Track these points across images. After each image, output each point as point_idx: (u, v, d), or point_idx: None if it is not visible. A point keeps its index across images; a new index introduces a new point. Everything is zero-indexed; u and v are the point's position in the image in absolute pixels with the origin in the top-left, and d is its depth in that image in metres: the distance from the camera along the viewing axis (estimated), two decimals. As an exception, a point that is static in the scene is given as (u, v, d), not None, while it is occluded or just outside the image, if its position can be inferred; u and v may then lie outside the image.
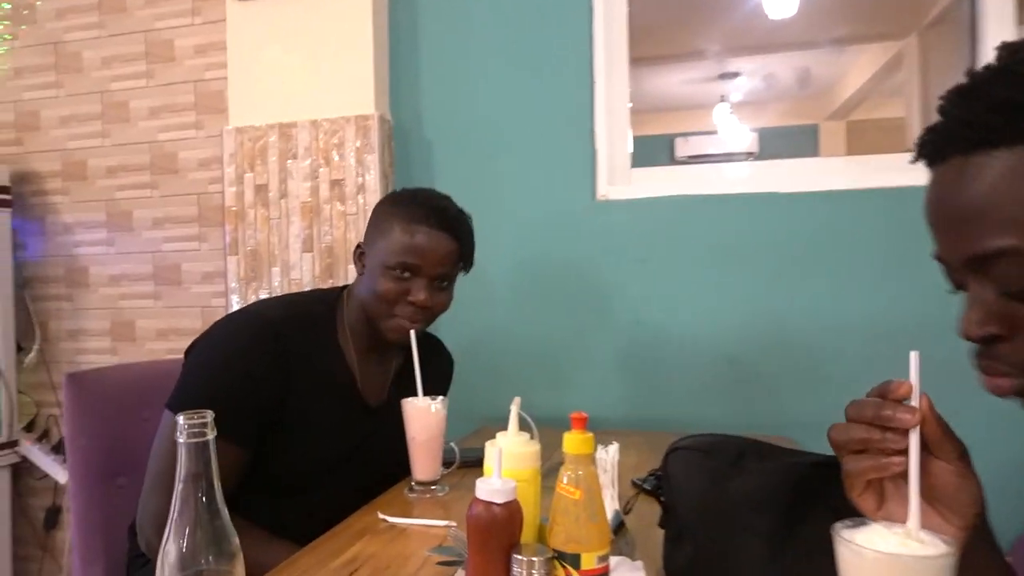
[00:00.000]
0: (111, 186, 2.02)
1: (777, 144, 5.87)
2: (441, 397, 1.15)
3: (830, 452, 0.58)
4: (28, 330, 2.08)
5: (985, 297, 0.51)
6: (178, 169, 1.96)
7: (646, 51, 4.77)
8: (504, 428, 0.77)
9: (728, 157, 5.24)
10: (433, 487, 1.12)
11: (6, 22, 2.08)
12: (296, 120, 1.74)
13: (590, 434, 0.69)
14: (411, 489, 1.12)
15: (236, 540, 0.54)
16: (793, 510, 0.69)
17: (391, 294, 1.09)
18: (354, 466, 1.15)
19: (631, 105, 1.72)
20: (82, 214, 2.04)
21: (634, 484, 1.13)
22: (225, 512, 0.54)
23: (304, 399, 1.06)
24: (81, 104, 2.03)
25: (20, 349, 2.06)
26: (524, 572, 0.61)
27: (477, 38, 1.74)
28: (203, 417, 0.53)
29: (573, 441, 0.68)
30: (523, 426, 0.78)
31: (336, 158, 1.71)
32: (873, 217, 1.52)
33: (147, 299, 1.98)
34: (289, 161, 1.74)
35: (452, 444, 1.17)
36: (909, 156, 0.55)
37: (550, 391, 1.68)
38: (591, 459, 0.69)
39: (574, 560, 0.64)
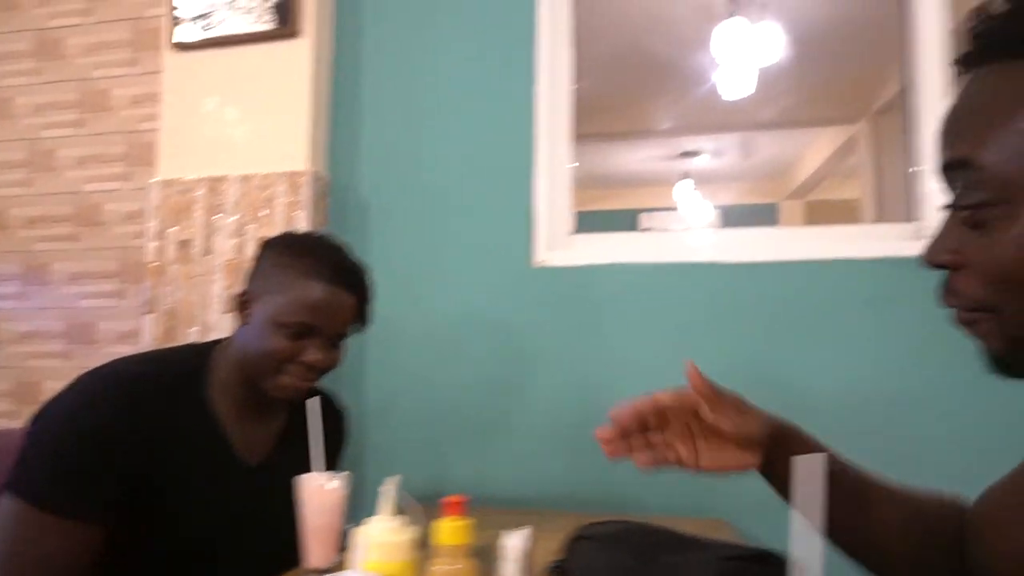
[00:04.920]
0: (31, 237, 1.91)
1: (739, 222, 5.97)
2: (344, 473, 1.03)
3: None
4: (-74, 389, 1.91)
5: (949, 224, 0.48)
6: (102, 222, 1.86)
7: (607, 127, 4.87)
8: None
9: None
10: (328, 577, 1.00)
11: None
12: (227, 174, 1.67)
13: (465, 521, 0.59)
14: (303, 580, 1.00)
15: None
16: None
17: (283, 354, 0.99)
18: (240, 539, 1.03)
19: (590, 178, 1.69)
20: (-2, 266, 1.93)
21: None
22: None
23: (170, 466, 0.94)
24: (8, 151, 1.95)
25: (-86, 410, 1.90)
26: None
27: (421, 101, 1.71)
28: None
29: (446, 530, 0.58)
30: (404, 509, 0.68)
31: (265, 214, 1.63)
32: (835, 288, 1.47)
33: (56, 359, 1.84)
34: (216, 217, 1.66)
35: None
36: (868, 227, 0.55)
37: (479, 466, 1.57)
38: (466, 551, 0.59)
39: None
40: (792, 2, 3.23)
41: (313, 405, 1.05)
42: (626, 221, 5.76)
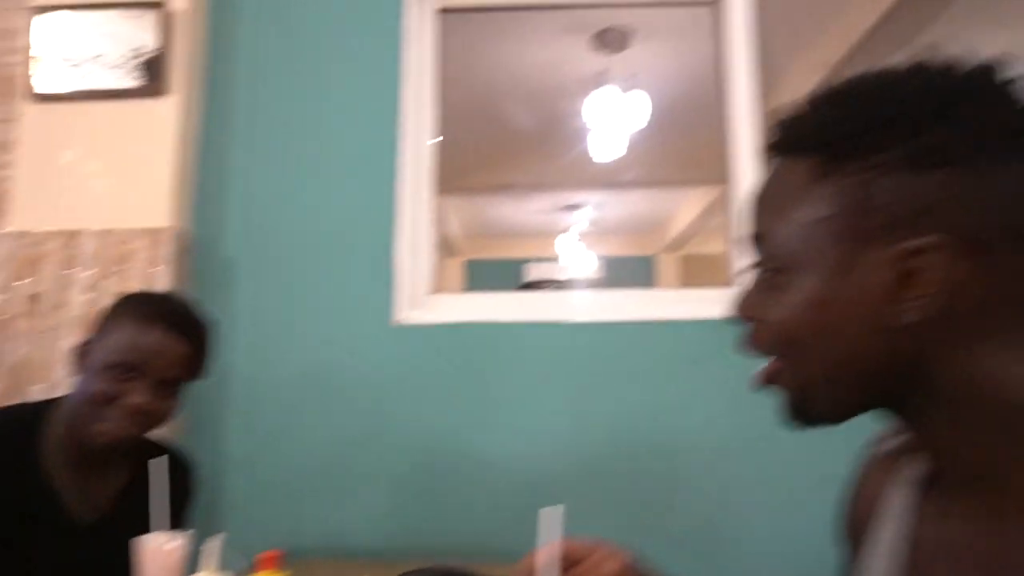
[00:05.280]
0: None
1: (619, 273, 6.31)
2: (187, 532, 1.05)
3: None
4: None
5: (752, 285, 0.58)
6: (-57, 272, 1.77)
7: (488, 181, 5.06)
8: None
9: (570, 284, 5.54)
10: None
11: None
12: (83, 228, 1.64)
13: (280, 574, 0.65)
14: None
15: None
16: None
17: (104, 395, 1.00)
18: None
19: (480, 229, 1.78)
20: None
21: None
22: None
23: None
24: None
25: None
26: None
27: (288, 158, 1.76)
28: None
29: (259, 584, 0.64)
30: (229, 565, 0.73)
31: (123, 270, 1.62)
32: (670, 345, 1.63)
33: None
34: (70, 271, 1.63)
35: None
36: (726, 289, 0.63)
37: (337, 519, 1.60)
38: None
39: None
40: (660, 72, 3.54)
41: (158, 464, 1.06)
42: (513, 270, 5.95)
